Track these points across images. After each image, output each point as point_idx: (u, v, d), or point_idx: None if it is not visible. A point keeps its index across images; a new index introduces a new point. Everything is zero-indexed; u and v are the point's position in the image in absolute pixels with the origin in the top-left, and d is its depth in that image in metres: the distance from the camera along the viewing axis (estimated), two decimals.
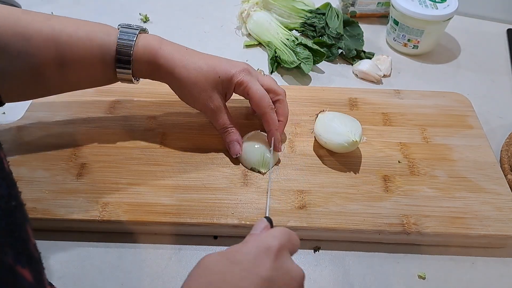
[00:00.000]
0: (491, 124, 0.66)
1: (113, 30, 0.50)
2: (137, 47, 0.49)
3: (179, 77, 0.51)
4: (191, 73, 0.50)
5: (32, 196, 0.50)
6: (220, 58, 0.53)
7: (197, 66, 0.51)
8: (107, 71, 0.50)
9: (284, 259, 0.33)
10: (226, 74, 0.51)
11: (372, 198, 0.51)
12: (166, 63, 0.50)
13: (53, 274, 0.47)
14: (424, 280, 0.47)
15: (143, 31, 0.52)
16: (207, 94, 0.51)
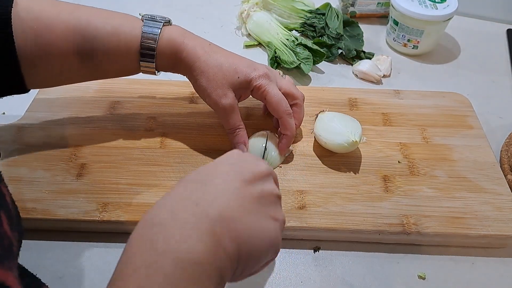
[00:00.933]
0: (491, 124, 0.66)
1: (138, 23, 0.50)
2: (161, 41, 0.50)
3: (199, 71, 0.51)
4: (210, 68, 0.50)
5: (32, 196, 0.50)
6: (242, 58, 0.53)
7: (218, 62, 0.51)
8: (131, 63, 0.51)
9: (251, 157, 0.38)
10: (245, 76, 0.51)
11: (372, 198, 0.51)
12: (188, 56, 0.50)
13: (53, 274, 0.47)
14: (424, 280, 0.47)
15: (167, 23, 0.52)
16: (222, 91, 0.51)
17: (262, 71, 0.52)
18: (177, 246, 0.28)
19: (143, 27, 0.50)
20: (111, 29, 0.49)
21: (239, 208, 0.32)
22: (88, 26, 0.48)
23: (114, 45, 0.49)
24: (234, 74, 0.51)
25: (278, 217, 0.35)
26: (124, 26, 0.49)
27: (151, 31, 0.49)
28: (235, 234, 0.30)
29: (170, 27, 0.52)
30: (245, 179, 0.34)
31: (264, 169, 0.36)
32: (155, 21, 0.51)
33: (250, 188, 0.33)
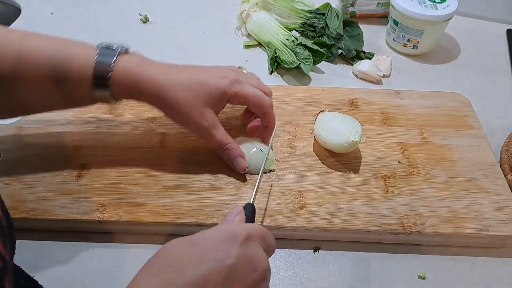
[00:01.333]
0: (491, 124, 0.66)
1: (92, 52, 0.47)
2: (116, 71, 0.46)
3: (167, 100, 0.48)
4: (179, 94, 0.48)
5: (32, 196, 0.50)
6: (207, 70, 0.51)
7: (185, 85, 0.48)
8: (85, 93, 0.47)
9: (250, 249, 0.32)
10: (217, 89, 0.49)
11: (372, 198, 0.51)
12: (150, 87, 0.47)
13: (53, 274, 0.47)
14: (424, 280, 0.47)
15: (125, 51, 0.49)
16: (198, 112, 0.49)
17: (232, 77, 0.50)
18: None
19: (98, 55, 0.46)
20: (63, 58, 0.46)
21: None
22: (40, 55, 0.45)
23: (66, 75, 0.46)
24: (205, 91, 0.49)
25: None
26: (77, 54, 0.46)
27: (105, 60, 0.46)
28: None
29: (127, 56, 0.48)
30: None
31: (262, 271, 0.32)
32: (111, 49, 0.47)
33: None
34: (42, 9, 0.88)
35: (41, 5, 0.89)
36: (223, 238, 0.31)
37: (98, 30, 0.83)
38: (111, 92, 0.47)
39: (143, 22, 0.85)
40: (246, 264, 0.30)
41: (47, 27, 0.83)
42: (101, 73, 0.46)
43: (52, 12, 0.87)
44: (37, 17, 0.86)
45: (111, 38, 0.81)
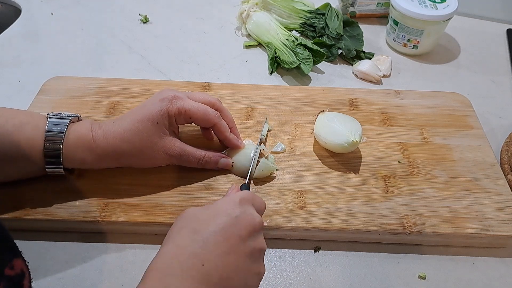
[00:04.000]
0: (491, 124, 0.66)
1: (42, 121, 0.47)
2: (67, 142, 0.47)
3: (126, 154, 0.48)
4: (131, 142, 0.48)
5: (33, 196, 0.50)
6: (145, 103, 0.50)
7: (133, 131, 0.48)
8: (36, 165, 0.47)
9: (246, 207, 0.40)
10: (161, 115, 0.48)
11: (372, 198, 0.51)
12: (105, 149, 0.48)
13: (53, 274, 0.47)
14: (424, 280, 0.47)
15: (75, 119, 0.49)
16: (159, 147, 0.49)
17: (170, 96, 0.49)
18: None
19: (47, 125, 0.46)
20: (12, 129, 0.45)
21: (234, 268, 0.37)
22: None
23: (15, 146, 0.45)
24: (152, 125, 0.48)
25: (261, 271, 0.39)
26: (27, 124, 0.46)
27: (56, 129, 0.46)
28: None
29: (76, 124, 0.49)
30: (241, 235, 0.38)
31: (257, 224, 0.39)
32: (61, 118, 0.48)
33: (244, 246, 0.38)
34: (42, 9, 0.88)
35: (41, 5, 0.89)
36: (226, 202, 0.40)
37: (98, 30, 0.83)
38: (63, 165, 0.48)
39: (143, 22, 0.85)
40: (247, 216, 0.39)
41: (47, 27, 0.83)
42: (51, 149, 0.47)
43: (52, 12, 0.87)
44: (37, 17, 0.86)
45: (111, 38, 0.81)
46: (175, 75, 0.55)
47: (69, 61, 0.75)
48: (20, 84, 0.70)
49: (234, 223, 0.38)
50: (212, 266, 0.36)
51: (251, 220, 0.39)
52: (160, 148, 0.49)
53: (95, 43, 0.80)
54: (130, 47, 0.79)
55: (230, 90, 0.65)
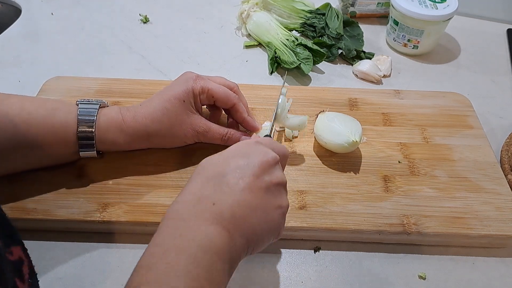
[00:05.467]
0: (491, 124, 0.66)
1: (73, 107, 0.49)
2: (99, 125, 0.49)
3: (156, 134, 0.51)
4: (161, 122, 0.50)
5: (33, 196, 0.50)
6: (168, 87, 0.52)
7: (161, 111, 0.50)
8: (69, 149, 0.49)
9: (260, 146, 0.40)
10: (186, 94, 0.50)
11: (372, 198, 0.51)
12: (136, 130, 0.50)
13: (53, 274, 0.47)
14: (425, 280, 0.47)
15: (103, 104, 0.51)
16: (187, 125, 0.51)
17: (193, 76, 0.52)
18: (200, 238, 0.34)
19: (79, 110, 0.48)
20: (45, 113, 0.47)
21: (249, 205, 0.36)
22: (21, 112, 0.46)
23: (49, 130, 0.47)
24: (179, 103, 0.50)
25: (282, 204, 0.39)
26: (59, 110, 0.48)
27: (88, 113, 0.49)
28: (244, 231, 0.36)
29: (107, 108, 0.51)
30: (255, 173, 0.37)
31: (271, 158, 0.39)
32: (91, 103, 0.50)
33: (259, 182, 0.37)
34: (42, 9, 0.88)
35: (41, 5, 0.89)
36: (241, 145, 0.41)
37: (98, 30, 0.83)
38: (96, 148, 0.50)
39: (143, 22, 0.85)
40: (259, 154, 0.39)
41: (47, 27, 0.83)
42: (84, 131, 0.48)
43: (52, 12, 0.87)
44: (37, 17, 0.86)
45: (111, 38, 0.81)
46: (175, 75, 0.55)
47: (69, 61, 0.75)
48: (20, 84, 0.70)
49: (247, 163, 0.38)
50: (224, 205, 0.36)
51: (263, 156, 0.39)
52: (188, 126, 0.51)
53: (95, 43, 0.80)
54: (130, 47, 0.79)
55: None
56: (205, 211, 0.35)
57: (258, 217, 0.37)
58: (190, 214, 0.35)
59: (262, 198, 0.37)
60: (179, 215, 0.36)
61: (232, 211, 0.36)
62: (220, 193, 0.36)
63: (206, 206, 0.36)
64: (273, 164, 0.39)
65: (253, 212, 0.37)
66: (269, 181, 0.38)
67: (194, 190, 0.37)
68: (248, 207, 0.36)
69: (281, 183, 0.39)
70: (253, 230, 0.37)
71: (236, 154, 0.39)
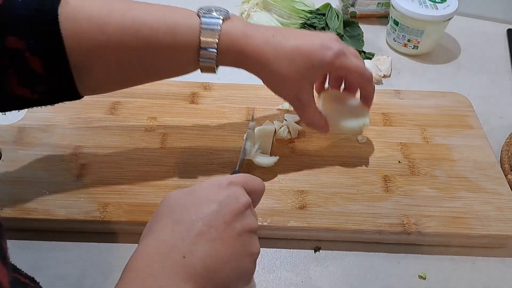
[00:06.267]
0: (491, 124, 0.66)
1: (195, 20, 0.46)
2: (222, 41, 0.46)
3: (271, 73, 0.48)
4: (282, 67, 0.47)
5: (33, 196, 0.50)
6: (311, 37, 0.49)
7: (289, 57, 0.47)
8: (190, 62, 0.47)
9: (232, 190, 0.38)
10: (321, 63, 0.47)
11: (373, 198, 0.51)
12: (255, 56, 0.47)
13: (54, 274, 0.47)
14: (425, 280, 0.47)
15: (226, 17, 0.48)
16: (297, 87, 0.49)
17: (337, 49, 0.48)
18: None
19: (202, 25, 0.46)
20: (166, 28, 0.45)
21: (221, 256, 0.35)
22: (143, 26, 0.44)
23: (170, 45, 0.45)
24: (308, 64, 0.47)
25: (254, 251, 0.38)
26: (180, 24, 0.46)
27: (210, 29, 0.46)
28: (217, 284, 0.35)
29: (230, 22, 0.48)
30: (226, 220, 0.36)
31: (242, 205, 0.37)
32: (213, 17, 0.47)
33: (230, 230, 0.36)
34: None
35: None
36: (211, 186, 0.38)
37: None
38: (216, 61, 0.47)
39: None
40: (231, 199, 0.37)
41: None
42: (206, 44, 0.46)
43: None
44: None
45: None
46: None
47: None
48: None
49: (217, 210, 0.36)
50: (195, 257, 0.34)
51: (235, 203, 0.37)
52: (298, 87, 0.49)
53: None
54: None
55: (231, 90, 0.65)
56: (176, 265, 0.33)
57: (230, 267, 0.36)
58: (159, 269, 0.33)
59: (234, 247, 0.36)
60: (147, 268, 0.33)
61: (204, 264, 0.34)
62: (190, 243, 0.34)
63: (177, 258, 0.34)
64: (244, 210, 0.38)
65: (225, 263, 0.35)
66: (241, 228, 0.37)
67: (162, 236, 0.35)
68: (220, 258, 0.35)
69: (251, 229, 0.38)
70: (225, 282, 0.35)
71: (208, 197, 0.37)
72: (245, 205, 0.38)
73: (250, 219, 0.38)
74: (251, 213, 0.39)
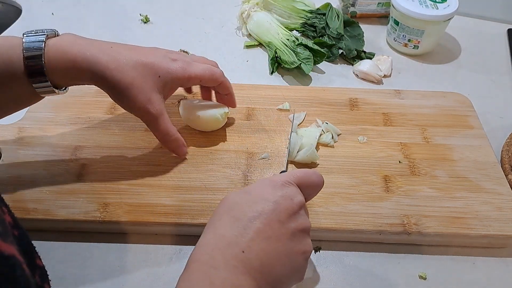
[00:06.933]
0: (491, 124, 0.66)
1: (17, 40, 0.43)
2: (49, 55, 0.43)
3: (113, 81, 0.45)
4: (125, 75, 0.45)
5: (33, 196, 0.50)
6: (152, 51, 0.49)
7: (131, 65, 0.45)
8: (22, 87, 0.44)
9: (287, 189, 0.39)
10: (168, 74, 0.47)
11: (373, 198, 0.51)
12: (92, 67, 0.44)
13: (54, 274, 0.46)
14: (425, 280, 0.47)
15: (52, 34, 0.45)
16: (145, 97, 0.46)
17: (182, 60, 0.49)
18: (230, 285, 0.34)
19: (24, 44, 0.43)
20: None
21: (275, 253, 0.37)
22: None
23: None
24: (154, 74, 0.46)
25: (306, 250, 0.39)
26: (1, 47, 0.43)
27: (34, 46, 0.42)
28: (271, 280, 0.36)
29: (57, 38, 0.45)
30: (281, 220, 0.37)
31: (297, 204, 0.39)
32: (37, 34, 0.44)
33: (285, 228, 0.38)
34: (42, 9, 0.88)
35: (41, 5, 0.89)
36: (265, 185, 0.40)
37: (98, 30, 0.83)
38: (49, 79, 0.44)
39: (143, 22, 0.85)
40: (285, 200, 0.38)
41: (47, 28, 0.83)
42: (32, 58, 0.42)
43: (52, 12, 0.87)
44: (38, 17, 0.86)
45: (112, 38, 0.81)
46: None
47: None
48: None
49: (273, 208, 0.37)
50: (253, 253, 0.36)
51: (290, 203, 0.38)
52: (145, 98, 0.46)
53: None
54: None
55: None
56: (235, 259, 0.35)
57: (284, 264, 0.37)
58: (220, 261, 0.35)
59: (288, 245, 0.37)
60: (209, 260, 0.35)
61: (260, 260, 0.36)
62: (249, 240, 0.36)
63: (236, 253, 0.35)
64: (298, 210, 0.39)
65: (279, 260, 0.37)
66: (295, 227, 0.38)
67: (222, 232, 0.37)
68: (274, 255, 0.37)
69: (305, 229, 0.39)
70: (278, 278, 0.37)
71: (263, 197, 0.39)
72: (299, 205, 0.39)
73: (303, 219, 0.39)
74: (304, 213, 0.40)
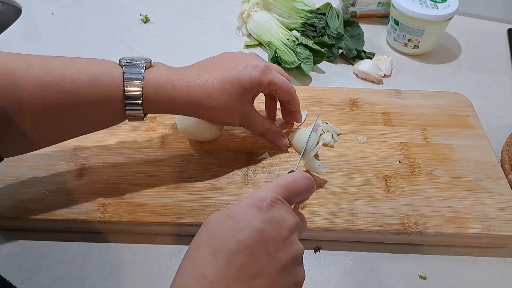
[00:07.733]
0: (491, 124, 0.66)
1: (118, 71, 0.45)
2: (147, 88, 0.45)
3: (207, 109, 0.48)
4: (216, 100, 0.48)
5: (33, 196, 0.50)
6: (234, 62, 0.50)
7: (220, 88, 0.48)
8: (117, 114, 0.47)
9: (274, 212, 0.35)
10: (252, 84, 0.49)
11: (373, 198, 0.51)
12: (185, 100, 0.47)
13: (54, 274, 0.47)
14: (425, 280, 0.47)
15: (148, 64, 0.47)
16: (238, 111, 0.50)
17: (262, 65, 0.50)
18: None
19: (124, 75, 0.45)
20: (88, 81, 0.43)
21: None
22: (63, 80, 0.42)
23: (93, 98, 0.44)
24: (241, 89, 0.48)
25: (298, 280, 0.35)
26: (102, 75, 0.44)
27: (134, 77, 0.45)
28: None
29: (153, 70, 0.47)
30: (269, 251, 0.33)
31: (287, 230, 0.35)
32: (136, 66, 0.46)
33: (274, 261, 0.34)
34: (42, 9, 0.88)
35: (41, 5, 0.89)
36: (252, 206, 0.35)
37: (98, 30, 0.83)
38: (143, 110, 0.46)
39: (143, 22, 0.85)
40: (273, 225, 0.34)
41: (47, 28, 0.83)
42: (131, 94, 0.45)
43: (52, 12, 0.87)
44: (38, 17, 0.86)
45: (112, 38, 0.81)
46: None
47: None
48: None
49: (259, 239, 0.33)
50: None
51: (278, 230, 0.34)
52: (240, 111, 0.51)
53: (96, 43, 0.80)
54: (131, 47, 0.79)
55: None
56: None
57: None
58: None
59: (278, 279, 0.33)
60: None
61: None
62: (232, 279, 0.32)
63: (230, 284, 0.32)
64: (289, 236, 0.35)
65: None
66: (285, 259, 0.34)
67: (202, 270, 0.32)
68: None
69: (298, 256, 0.35)
70: None
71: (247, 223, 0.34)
72: (289, 230, 0.35)
73: (294, 246, 0.35)
74: (296, 238, 0.36)
